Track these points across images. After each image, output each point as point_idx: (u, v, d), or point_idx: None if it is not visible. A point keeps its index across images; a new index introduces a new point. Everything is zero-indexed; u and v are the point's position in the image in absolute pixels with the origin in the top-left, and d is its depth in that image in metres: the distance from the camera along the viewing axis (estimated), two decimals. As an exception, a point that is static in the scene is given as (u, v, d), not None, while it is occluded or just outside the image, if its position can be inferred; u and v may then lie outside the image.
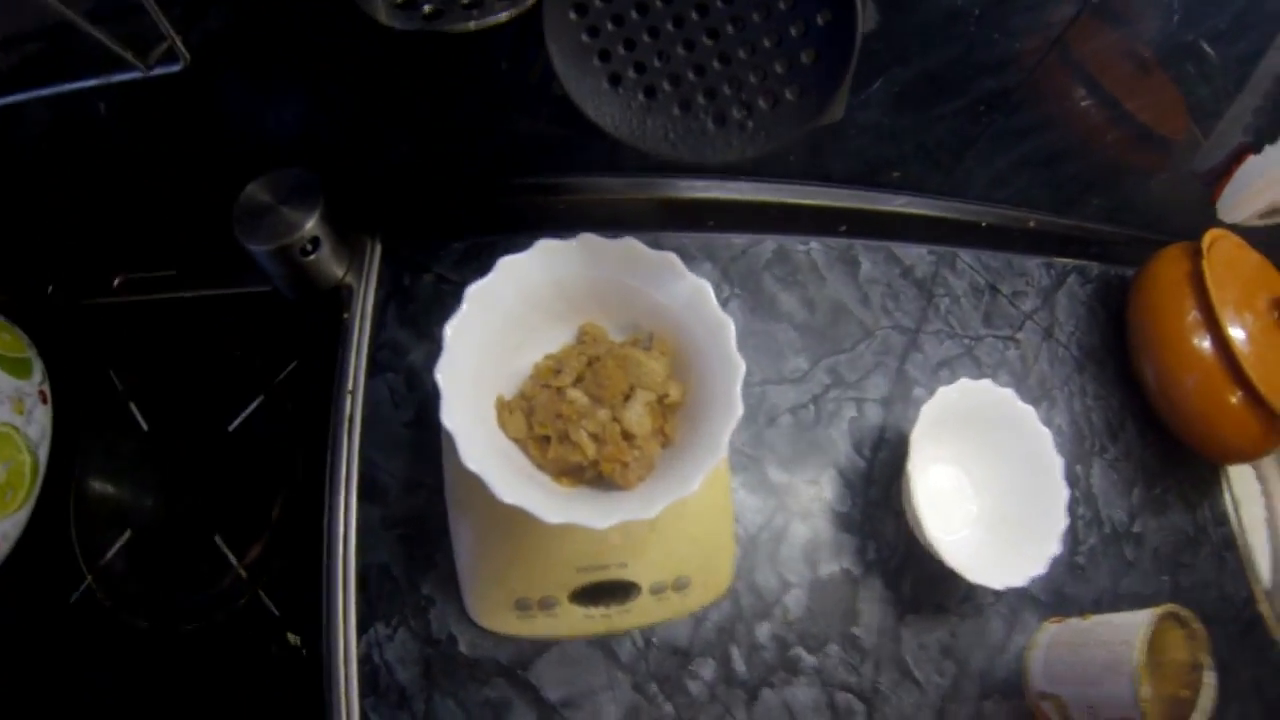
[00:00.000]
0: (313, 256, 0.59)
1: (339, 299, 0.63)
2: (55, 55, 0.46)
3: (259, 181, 0.57)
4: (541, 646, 0.54)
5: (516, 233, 0.67)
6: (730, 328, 0.50)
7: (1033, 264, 0.75)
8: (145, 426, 0.60)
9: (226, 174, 0.57)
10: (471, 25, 0.41)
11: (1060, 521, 0.58)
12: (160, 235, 0.62)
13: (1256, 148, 0.64)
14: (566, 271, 0.54)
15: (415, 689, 0.52)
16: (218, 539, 0.57)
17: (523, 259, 0.52)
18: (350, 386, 0.60)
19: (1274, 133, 0.63)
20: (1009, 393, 0.62)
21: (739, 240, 0.69)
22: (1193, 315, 0.66)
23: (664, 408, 0.52)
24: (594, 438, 0.49)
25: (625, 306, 0.55)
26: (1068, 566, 0.65)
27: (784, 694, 0.57)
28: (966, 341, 0.70)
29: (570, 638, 0.55)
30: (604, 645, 0.55)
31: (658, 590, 0.55)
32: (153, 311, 0.63)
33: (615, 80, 0.45)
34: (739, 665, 0.56)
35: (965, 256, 0.74)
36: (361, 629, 0.53)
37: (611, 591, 0.54)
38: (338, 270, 0.63)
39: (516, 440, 0.51)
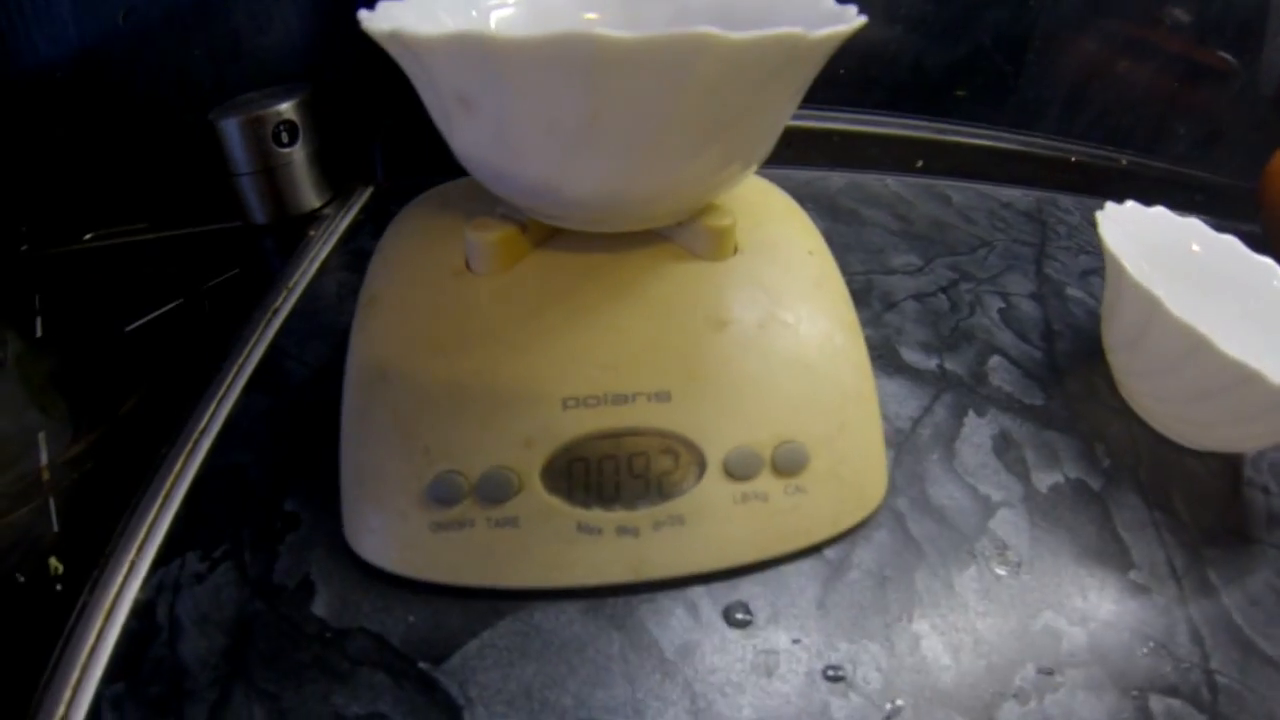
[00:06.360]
0: (288, 149, 0.44)
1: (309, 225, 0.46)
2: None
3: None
4: (478, 616, 0.23)
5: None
6: None
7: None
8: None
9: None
10: None
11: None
12: (137, 188, 0.48)
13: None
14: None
15: (203, 677, 0.22)
16: (40, 434, 0.31)
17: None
18: (291, 283, 0.39)
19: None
20: (1232, 240, 0.40)
21: (802, 175, 0.52)
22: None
23: None
24: None
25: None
26: None
27: (1041, 708, 0.25)
28: (1111, 255, 0.49)
29: (545, 590, 0.24)
30: (624, 615, 0.24)
31: (742, 470, 0.24)
32: (114, 254, 0.46)
33: None
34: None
35: (1065, 201, 0.56)
36: (161, 560, 0.25)
37: (641, 464, 0.24)
38: (315, 198, 0.47)
39: None
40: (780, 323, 0.26)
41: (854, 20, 0.23)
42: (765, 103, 0.23)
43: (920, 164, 0.53)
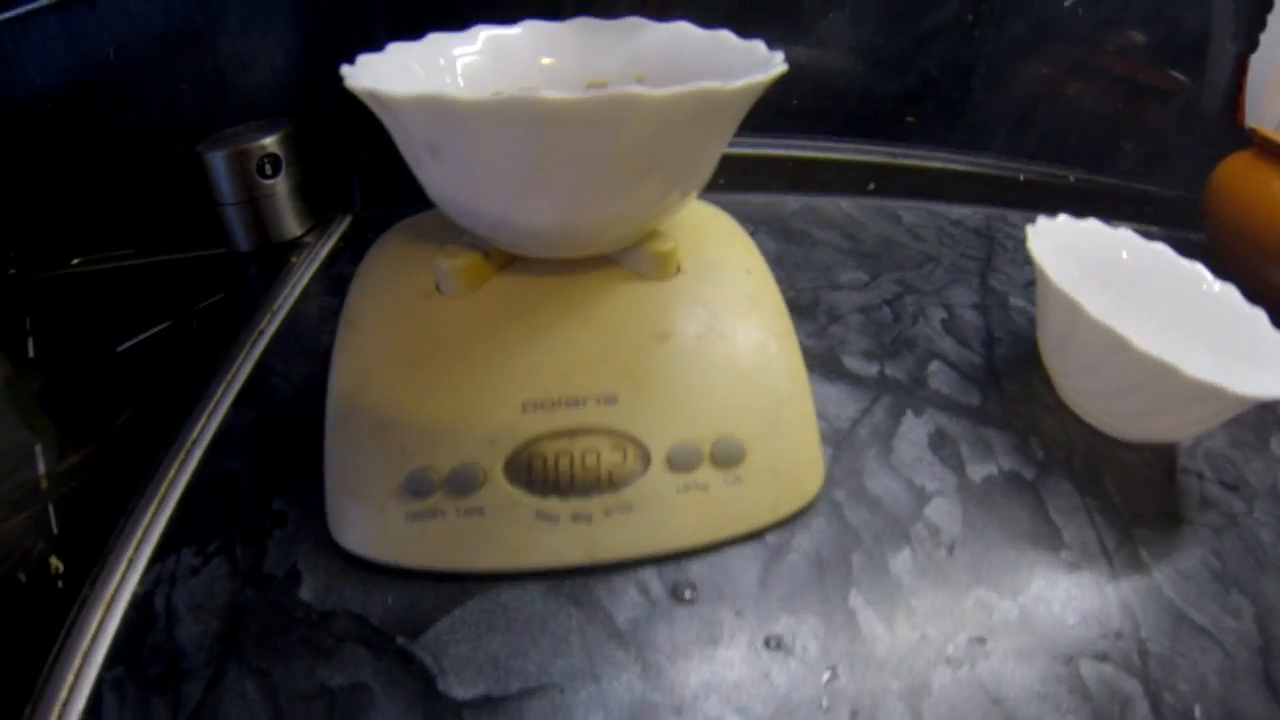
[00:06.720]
0: (272, 181, 0.48)
1: (291, 253, 0.50)
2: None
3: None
4: (449, 596, 0.27)
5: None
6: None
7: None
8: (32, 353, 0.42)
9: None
10: None
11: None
12: (126, 215, 0.52)
13: (1252, 46, 0.57)
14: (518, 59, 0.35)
15: (199, 658, 0.25)
16: (38, 446, 0.35)
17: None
18: (275, 306, 0.43)
19: (1260, 21, 0.56)
20: (1162, 247, 0.44)
21: (758, 199, 0.57)
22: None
23: None
24: None
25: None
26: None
27: (973, 673, 0.28)
28: (1054, 265, 0.53)
29: (509, 572, 0.27)
30: (580, 593, 0.27)
31: (683, 462, 0.28)
32: (102, 279, 0.49)
33: None
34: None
35: (1014, 217, 0.60)
36: (158, 557, 0.28)
37: (593, 458, 0.27)
38: (297, 227, 0.51)
39: None
40: (717, 334, 0.30)
41: (774, 69, 0.27)
42: (694, 145, 0.27)
43: (872, 186, 0.58)
